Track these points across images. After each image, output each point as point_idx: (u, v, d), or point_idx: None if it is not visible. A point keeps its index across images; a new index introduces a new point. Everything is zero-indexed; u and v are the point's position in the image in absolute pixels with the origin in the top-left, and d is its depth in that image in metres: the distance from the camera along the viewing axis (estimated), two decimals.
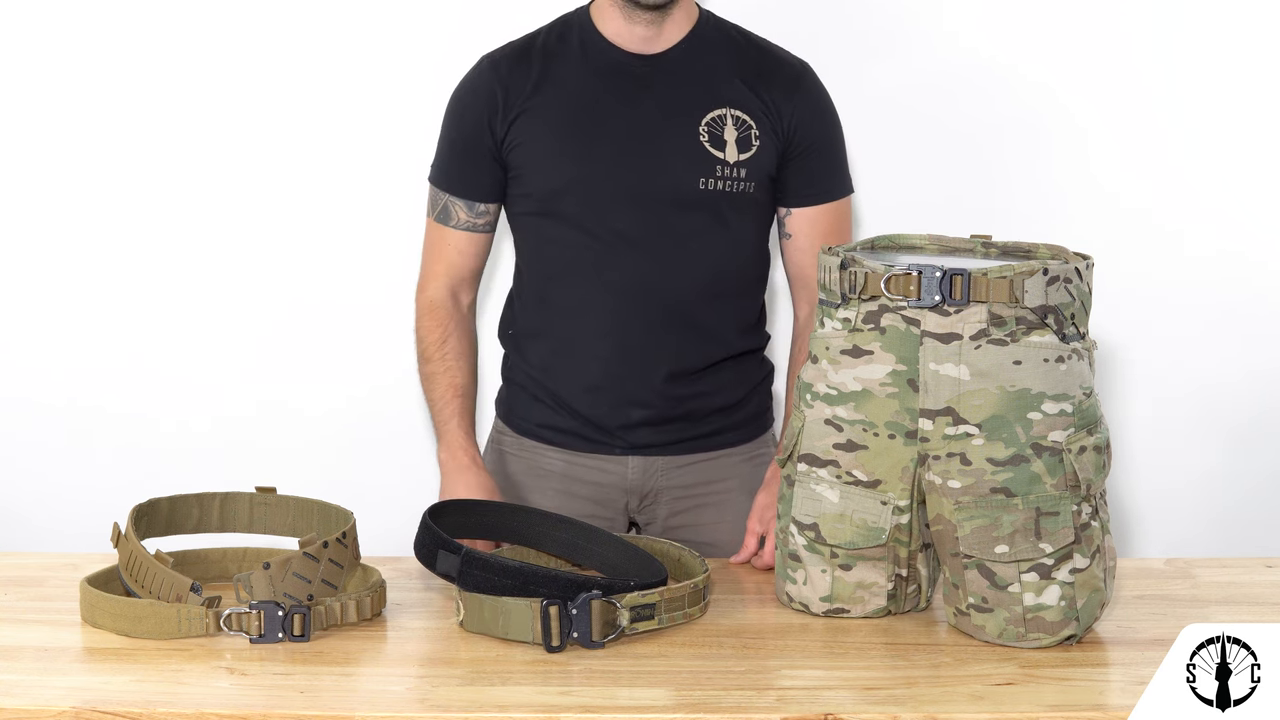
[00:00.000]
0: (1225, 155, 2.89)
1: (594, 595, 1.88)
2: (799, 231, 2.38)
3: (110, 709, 1.70)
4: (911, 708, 1.71)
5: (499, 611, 1.90)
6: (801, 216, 2.38)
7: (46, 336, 3.00)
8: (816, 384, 1.98)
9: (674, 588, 1.95)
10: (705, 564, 2.07)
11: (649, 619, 1.92)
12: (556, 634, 1.87)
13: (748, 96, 2.33)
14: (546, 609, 1.87)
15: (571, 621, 1.88)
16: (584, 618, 1.88)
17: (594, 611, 1.88)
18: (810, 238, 2.37)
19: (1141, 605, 2.04)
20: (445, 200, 2.40)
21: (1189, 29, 2.86)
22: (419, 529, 2.00)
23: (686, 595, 1.96)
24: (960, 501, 1.90)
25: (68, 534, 2.89)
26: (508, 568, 1.91)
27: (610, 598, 1.89)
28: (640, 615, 1.91)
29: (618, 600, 1.89)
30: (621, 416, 2.36)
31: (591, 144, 2.31)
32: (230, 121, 2.94)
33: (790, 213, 2.38)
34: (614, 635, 1.89)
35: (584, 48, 2.35)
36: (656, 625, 1.93)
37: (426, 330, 2.42)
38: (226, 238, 2.97)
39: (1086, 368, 1.92)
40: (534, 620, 1.87)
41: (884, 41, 2.88)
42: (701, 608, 2.00)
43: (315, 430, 3.01)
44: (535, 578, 1.91)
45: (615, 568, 2.11)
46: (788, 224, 2.39)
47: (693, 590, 1.97)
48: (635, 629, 1.91)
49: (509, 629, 1.90)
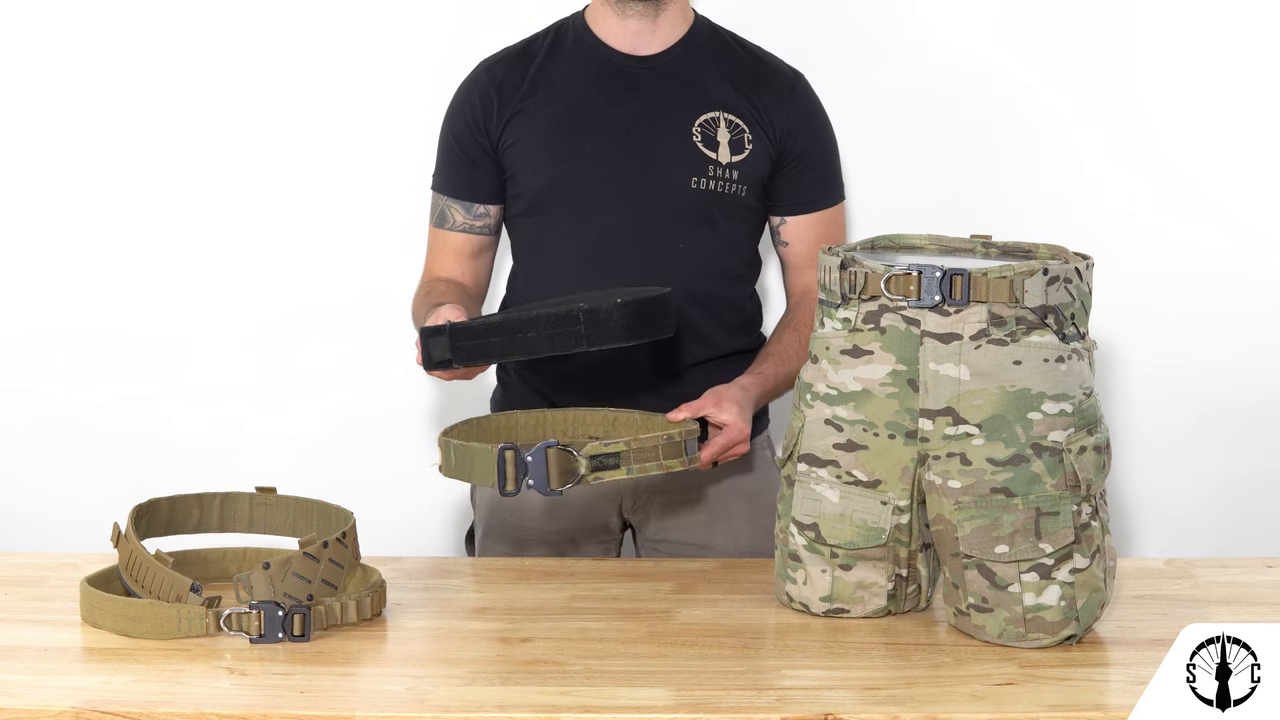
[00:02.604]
0: (1225, 155, 2.89)
1: (550, 444, 1.87)
2: (794, 239, 2.39)
3: (110, 709, 1.70)
4: (911, 708, 1.71)
5: (465, 456, 1.91)
6: (796, 225, 2.38)
7: (47, 337, 3.00)
8: (816, 384, 1.98)
9: (643, 437, 1.92)
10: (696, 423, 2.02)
11: (614, 468, 1.89)
12: (512, 479, 1.86)
13: (740, 102, 2.33)
14: (503, 454, 1.86)
15: (526, 468, 1.87)
16: (540, 465, 1.87)
17: (550, 460, 1.87)
18: (806, 244, 2.38)
19: (1141, 605, 2.04)
20: (444, 204, 2.41)
21: (1187, 28, 2.86)
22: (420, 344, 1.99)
23: (660, 446, 1.92)
24: (960, 501, 1.90)
25: (68, 534, 2.89)
26: (491, 325, 1.91)
27: (568, 446, 1.87)
28: (603, 465, 1.89)
29: (575, 449, 1.88)
30: None
31: (582, 142, 2.31)
32: (232, 125, 2.95)
33: (784, 221, 2.39)
34: (573, 482, 1.88)
35: (578, 49, 2.36)
36: (625, 474, 1.90)
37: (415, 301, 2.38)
38: (228, 239, 2.98)
39: (1086, 368, 1.92)
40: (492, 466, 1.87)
41: (881, 43, 2.88)
42: (685, 461, 1.95)
43: (315, 431, 3.01)
44: (521, 324, 1.89)
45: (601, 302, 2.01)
46: (782, 232, 2.39)
47: (666, 442, 1.93)
48: (600, 479, 1.89)
49: (474, 473, 1.90)
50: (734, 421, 2.12)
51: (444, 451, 1.98)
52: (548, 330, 1.88)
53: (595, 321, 1.92)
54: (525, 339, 1.91)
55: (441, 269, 2.42)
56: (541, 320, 1.90)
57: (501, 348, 1.92)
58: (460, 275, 2.41)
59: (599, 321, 1.93)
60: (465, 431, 2.08)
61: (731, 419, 2.12)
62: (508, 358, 1.98)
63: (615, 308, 1.93)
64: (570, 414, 2.17)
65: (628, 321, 1.96)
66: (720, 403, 2.13)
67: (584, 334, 1.94)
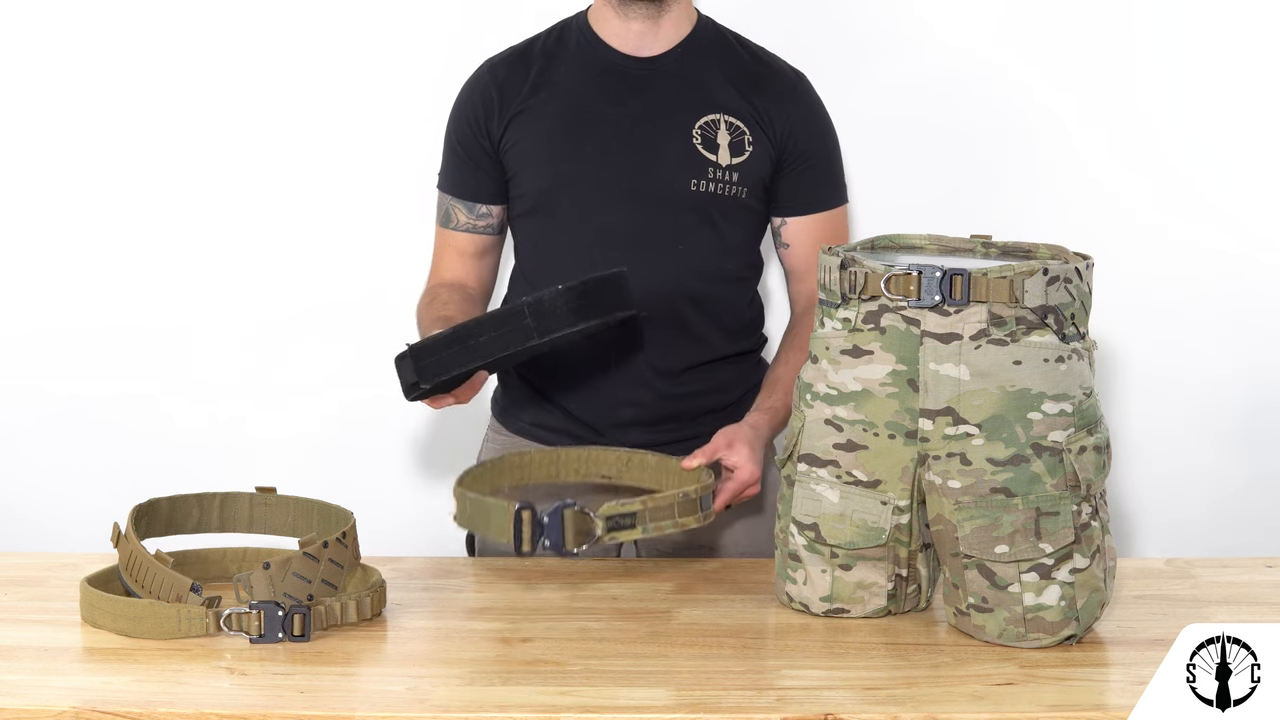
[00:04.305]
0: (1225, 155, 2.89)
1: (567, 504, 1.86)
2: (796, 240, 2.38)
3: (110, 709, 1.70)
4: (911, 708, 1.71)
5: (480, 511, 1.90)
6: (797, 226, 2.38)
7: (47, 337, 3.00)
8: (816, 384, 1.98)
9: (659, 496, 1.91)
10: (711, 474, 2.03)
11: (629, 528, 1.88)
12: (528, 539, 1.85)
13: (741, 103, 2.33)
14: (519, 513, 1.85)
15: (543, 529, 1.86)
16: (555, 525, 1.86)
17: (566, 520, 1.86)
18: (808, 246, 2.37)
19: (1141, 605, 2.04)
20: (448, 204, 2.41)
21: (1187, 28, 2.86)
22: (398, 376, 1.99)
23: (676, 504, 1.91)
24: (960, 501, 1.90)
25: (68, 534, 2.89)
26: (445, 338, 1.91)
27: (585, 508, 1.86)
28: (619, 525, 1.88)
29: (592, 509, 1.87)
30: (613, 416, 2.36)
31: (583, 143, 2.31)
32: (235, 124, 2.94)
33: (786, 222, 2.38)
34: (590, 543, 1.87)
35: (580, 50, 2.36)
36: (642, 534, 1.89)
37: (420, 307, 2.38)
38: (229, 240, 2.97)
39: (1086, 368, 1.92)
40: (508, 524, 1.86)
41: (882, 43, 2.88)
42: (701, 518, 1.94)
43: (315, 431, 3.01)
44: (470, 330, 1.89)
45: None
46: (784, 233, 2.39)
47: (683, 499, 1.92)
48: (615, 538, 1.88)
49: (489, 528, 1.89)
50: (746, 464, 2.12)
51: (459, 503, 1.96)
52: (496, 330, 1.88)
53: (540, 312, 1.92)
54: (478, 344, 1.90)
55: (447, 269, 2.42)
56: (488, 322, 1.90)
57: (459, 357, 1.91)
58: (465, 276, 2.41)
59: (543, 311, 1.93)
60: (479, 476, 2.05)
61: (743, 461, 2.12)
62: (467, 366, 1.96)
63: (557, 294, 1.92)
64: (585, 452, 2.15)
65: (573, 305, 1.95)
66: (733, 445, 2.13)
67: (532, 326, 1.93)
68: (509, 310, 1.95)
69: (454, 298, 2.35)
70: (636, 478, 2.14)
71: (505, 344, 1.93)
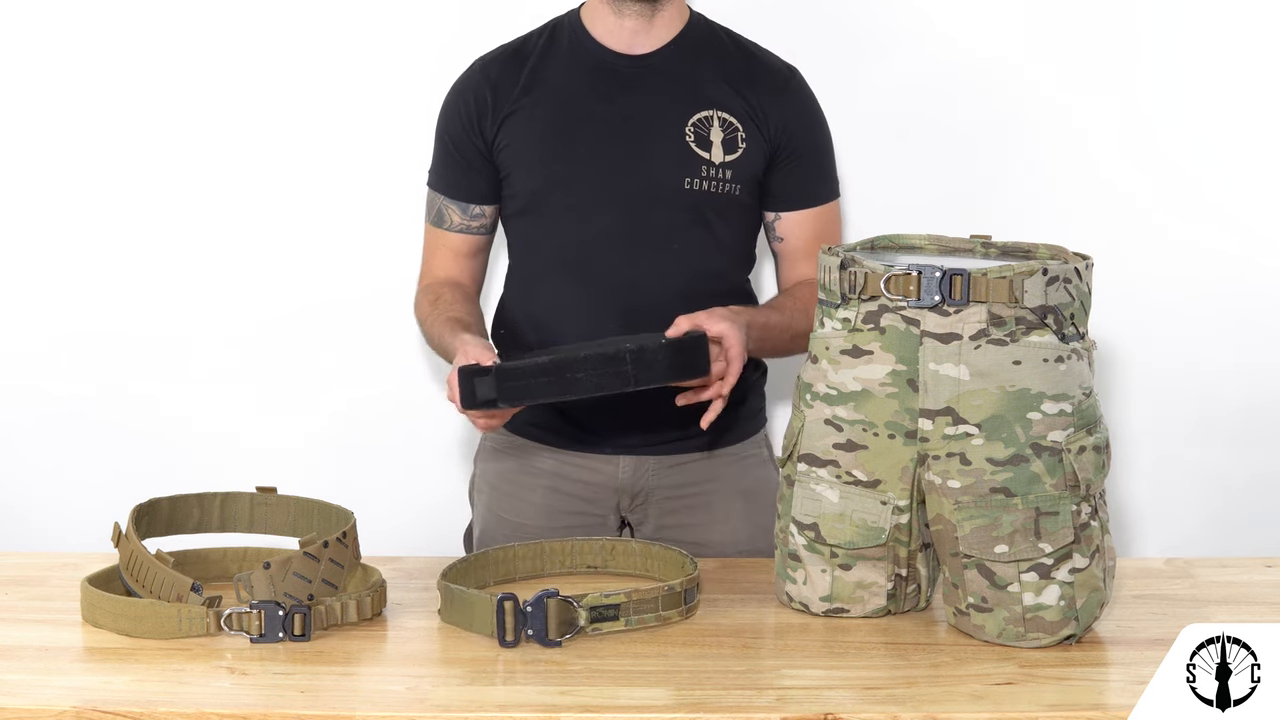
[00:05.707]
0: (1226, 154, 2.89)
1: (549, 594, 1.88)
2: (789, 235, 2.38)
3: (110, 709, 1.70)
4: (911, 708, 1.71)
5: (464, 603, 1.92)
6: (790, 221, 2.38)
7: (47, 337, 3.00)
8: (816, 384, 1.98)
9: (642, 590, 1.94)
10: (694, 565, 2.05)
11: (613, 619, 1.91)
12: (511, 629, 1.87)
13: (734, 99, 2.33)
14: (502, 604, 1.87)
15: (527, 619, 1.88)
16: (539, 616, 1.88)
17: (550, 610, 1.88)
18: (801, 239, 2.37)
19: (1141, 605, 2.04)
20: (440, 203, 2.41)
21: (1188, 27, 2.86)
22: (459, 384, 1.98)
23: (660, 598, 1.94)
24: (960, 501, 1.90)
25: (68, 534, 2.89)
26: (541, 365, 1.91)
27: (569, 597, 1.89)
28: (602, 616, 1.90)
29: (576, 600, 1.89)
30: (610, 416, 2.36)
31: (576, 142, 2.31)
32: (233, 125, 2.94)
33: (779, 217, 2.38)
34: (573, 633, 1.89)
35: (572, 48, 2.35)
36: (624, 627, 1.92)
37: (422, 307, 2.38)
38: (228, 239, 2.97)
39: (1086, 368, 1.92)
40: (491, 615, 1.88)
41: (879, 40, 2.88)
42: (683, 611, 1.97)
43: (315, 430, 3.01)
44: (570, 364, 1.90)
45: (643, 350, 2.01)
46: (777, 228, 2.39)
47: (667, 593, 1.95)
48: (599, 629, 1.91)
49: (473, 622, 1.91)
50: (728, 331, 2.09)
51: (443, 596, 1.97)
52: (595, 370, 1.90)
53: (641, 361, 1.94)
54: (574, 379, 1.92)
55: (440, 268, 2.42)
56: (586, 361, 1.91)
57: (549, 388, 1.93)
58: (459, 275, 2.41)
59: (645, 361, 1.95)
60: (463, 571, 2.07)
61: (725, 328, 2.09)
62: (557, 398, 1.97)
63: (659, 347, 1.95)
64: (568, 544, 2.17)
65: (671, 360, 1.99)
66: (711, 315, 2.10)
67: (630, 374, 1.96)
68: (610, 354, 1.95)
69: (456, 297, 2.35)
70: (622, 565, 2.17)
71: (600, 385, 1.96)
